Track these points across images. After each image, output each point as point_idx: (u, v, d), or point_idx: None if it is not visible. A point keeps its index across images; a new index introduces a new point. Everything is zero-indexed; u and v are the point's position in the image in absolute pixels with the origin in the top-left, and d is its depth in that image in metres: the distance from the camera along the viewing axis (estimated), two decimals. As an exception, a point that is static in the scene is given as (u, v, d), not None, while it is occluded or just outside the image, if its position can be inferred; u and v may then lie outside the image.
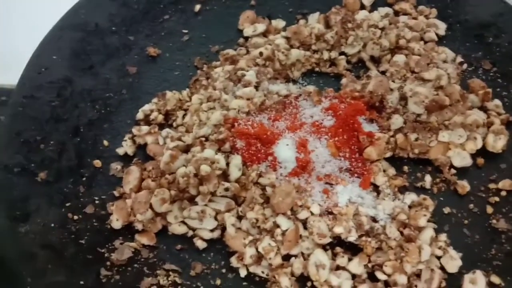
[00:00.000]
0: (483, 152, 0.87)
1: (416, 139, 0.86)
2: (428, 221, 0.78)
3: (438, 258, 0.75)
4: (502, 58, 0.98)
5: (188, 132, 0.85)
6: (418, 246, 0.73)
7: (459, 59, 0.98)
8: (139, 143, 0.85)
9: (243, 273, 0.74)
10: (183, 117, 0.88)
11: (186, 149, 0.83)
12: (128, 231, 0.77)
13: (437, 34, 1.01)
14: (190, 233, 0.77)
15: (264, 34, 1.02)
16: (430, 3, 1.06)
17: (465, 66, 0.98)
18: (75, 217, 0.76)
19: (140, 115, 0.88)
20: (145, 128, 0.85)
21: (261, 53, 0.94)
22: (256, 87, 0.91)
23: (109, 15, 0.99)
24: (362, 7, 1.05)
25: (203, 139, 0.82)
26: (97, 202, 0.78)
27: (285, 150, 0.82)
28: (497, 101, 0.92)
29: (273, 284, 0.73)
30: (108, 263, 0.74)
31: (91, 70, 0.91)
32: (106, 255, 0.74)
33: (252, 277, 0.74)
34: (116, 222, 0.76)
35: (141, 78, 0.94)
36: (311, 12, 1.05)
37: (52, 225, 0.73)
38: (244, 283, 0.74)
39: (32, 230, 0.72)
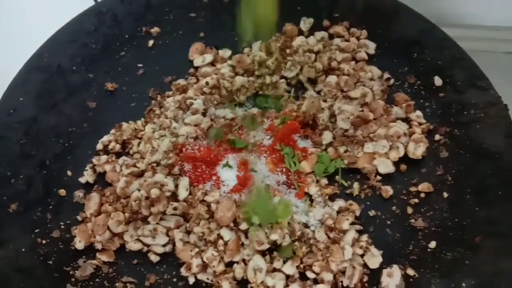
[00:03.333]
0: (405, 158, 0.98)
1: (345, 151, 0.98)
2: (354, 223, 0.89)
3: (361, 256, 0.87)
4: (425, 71, 1.08)
5: (143, 159, 0.96)
6: (341, 247, 0.85)
7: (386, 75, 1.09)
8: (99, 172, 0.95)
9: (191, 280, 0.85)
10: (138, 145, 0.99)
11: (141, 174, 0.93)
12: (91, 250, 0.87)
13: (367, 53, 1.12)
14: (145, 248, 0.88)
15: (212, 63, 1.13)
16: (362, 24, 1.17)
17: (392, 81, 1.09)
18: (43, 241, 0.86)
19: (99, 146, 0.98)
20: (104, 158, 0.96)
21: (207, 83, 1.06)
22: (204, 114, 1.02)
23: (70, 56, 1.09)
24: (301, 33, 1.17)
25: (155, 164, 0.93)
26: (62, 227, 0.89)
27: (227, 170, 0.93)
28: (418, 112, 1.03)
29: (217, 289, 0.84)
30: (73, 279, 0.83)
31: (54, 108, 1.01)
32: (71, 272, 0.84)
33: (199, 283, 0.85)
34: (79, 244, 0.86)
35: (100, 112, 1.04)
36: (255, 40, 1.16)
37: (23, 249, 0.84)
38: (193, 290, 0.85)
39: (5, 255, 0.82)
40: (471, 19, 1.30)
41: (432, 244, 0.88)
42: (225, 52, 1.14)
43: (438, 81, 1.06)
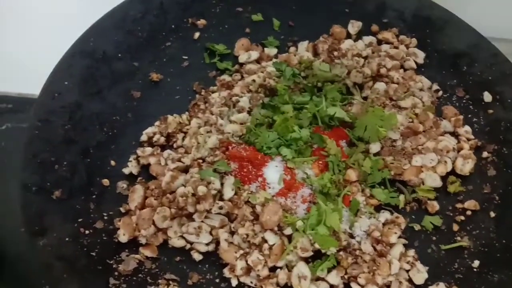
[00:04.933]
0: (452, 174, 0.97)
1: (392, 162, 0.96)
2: (400, 237, 0.88)
3: (407, 271, 0.85)
4: (474, 86, 1.07)
5: (187, 154, 0.94)
6: (388, 260, 0.83)
7: (435, 86, 1.08)
8: (143, 163, 0.94)
9: (234, 282, 0.84)
10: (183, 139, 0.97)
11: (186, 170, 0.92)
12: (133, 244, 0.86)
13: (416, 63, 1.10)
14: (188, 246, 0.86)
15: (258, 60, 1.11)
16: (411, 32, 1.15)
17: (440, 93, 1.07)
18: (87, 232, 0.85)
19: (144, 137, 0.97)
20: (148, 150, 0.95)
21: (253, 80, 1.04)
22: (249, 112, 1.01)
23: (116, 42, 1.07)
24: (348, 36, 1.15)
25: (201, 161, 0.92)
26: (105, 218, 0.87)
27: (274, 172, 0.91)
28: (467, 127, 1.02)
29: (261, 293, 0.83)
30: (116, 273, 0.82)
31: (99, 95, 1.00)
32: (114, 266, 0.83)
33: (242, 286, 0.84)
34: (123, 237, 0.85)
35: (144, 102, 1.02)
36: (301, 40, 1.14)
37: (66, 239, 0.82)
38: (235, 292, 0.84)
39: (48, 243, 0.81)
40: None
41: (476, 264, 0.87)
42: (271, 50, 1.12)
43: (487, 97, 1.05)
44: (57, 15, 1.29)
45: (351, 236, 0.87)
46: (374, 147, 0.96)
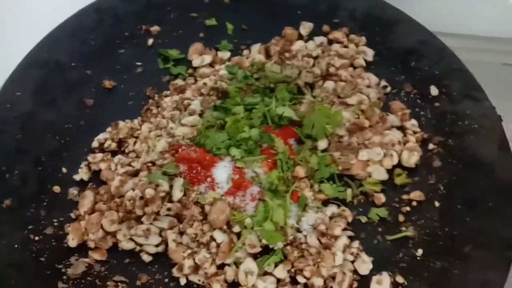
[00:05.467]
0: (398, 167, 0.99)
1: (339, 158, 0.98)
2: (345, 229, 0.90)
3: (352, 262, 0.87)
4: (421, 80, 1.09)
5: (138, 158, 0.96)
6: (332, 252, 0.85)
7: (383, 83, 1.10)
8: (94, 170, 0.95)
9: (183, 281, 0.85)
10: (134, 144, 0.99)
11: (136, 174, 0.94)
12: (83, 248, 0.87)
13: (365, 60, 1.13)
14: (138, 248, 0.88)
15: (211, 64, 1.13)
16: (362, 31, 1.18)
17: (388, 89, 1.10)
18: (36, 238, 0.86)
19: (95, 143, 0.99)
20: (99, 156, 0.96)
21: (205, 84, 1.06)
22: (201, 115, 1.03)
23: (69, 51, 1.09)
24: (300, 37, 1.17)
25: (150, 164, 0.94)
26: (56, 224, 0.89)
27: (222, 173, 0.93)
28: (413, 121, 1.04)
29: (208, 291, 0.84)
30: (64, 277, 0.84)
31: (52, 104, 1.01)
32: (63, 270, 0.84)
33: (191, 285, 0.86)
34: (72, 241, 0.86)
35: (97, 109, 1.04)
36: (255, 43, 1.17)
37: (16, 246, 0.84)
38: (184, 291, 0.86)
39: (-2, 251, 0.83)
40: (468, 29, 1.31)
41: (419, 252, 0.89)
42: (224, 54, 1.15)
43: (434, 90, 1.07)
44: (13, 26, 1.29)
45: (298, 230, 0.89)
46: (322, 144, 0.99)
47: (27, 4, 1.30)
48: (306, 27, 1.18)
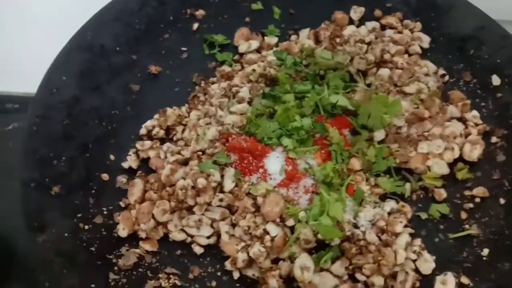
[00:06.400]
0: (460, 160, 0.94)
1: (397, 150, 0.93)
2: (405, 226, 0.85)
3: (414, 261, 0.83)
4: (481, 69, 1.03)
5: (187, 146, 0.93)
6: (394, 250, 0.81)
7: (441, 71, 1.04)
8: (143, 157, 0.93)
9: (236, 275, 0.82)
10: (182, 131, 0.96)
11: (185, 162, 0.91)
12: (133, 238, 0.85)
13: (421, 47, 1.07)
14: (189, 239, 0.85)
15: (258, 50, 1.09)
16: (416, 16, 1.11)
17: (446, 78, 1.04)
18: (86, 227, 0.84)
19: (143, 130, 0.96)
20: (147, 143, 0.93)
21: (253, 70, 1.02)
22: (250, 103, 0.99)
23: (114, 35, 1.05)
24: (351, 22, 1.12)
25: (200, 153, 0.90)
26: (105, 212, 0.87)
27: (275, 163, 0.89)
28: (475, 112, 0.99)
29: (263, 286, 0.81)
30: (115, 268, 0.82)
31: (97, 89, 0.99)
32: (114, 260, 0.82)
33: (244, 279, 0.83)
34: (123, 231, 0.84)
35: (143, 95, 1.01)
36: (302, 27, 1.12)
37: (66, 234, 0.82)
38: (237, 285, 0.83)
39: (48, 239, 0.80)
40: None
41: (485, 252, 0.84)
42: (271, 39, 1.10)
43: (496, 80, 1.01)
44: (58, 10, 1.28)
45: (355, 226, 0.85)
46: (378, 135, 0.94)
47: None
48: (357, 12, 1.12)
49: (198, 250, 0.85)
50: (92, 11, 1.07)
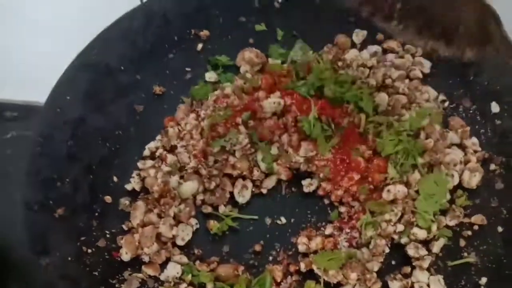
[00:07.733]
0: (459, 187, 0.95)
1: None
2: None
3: None
4: (481, 96, 1.04)
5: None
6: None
7: (442, 97, 1.06)
8: (144, 177, 0.93)
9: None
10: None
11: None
12: (136, 262, 0.85)
13: (422, 72, 1.08)
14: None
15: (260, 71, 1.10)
16: (417, 41, 1.13)
17: (446, 103, 1.05)
18: (89, 251, 0.84)
19: (146, 152, 0.96)
20: (149, 162, 0.94)
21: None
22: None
23: (119, 54, 1.06)
24: (353, 45, 1.13)
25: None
26: (108, 236, 0.87)
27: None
28: (474, 139, 1.00)
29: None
30: (119, 293, 0.83)
31: (102, 109, 0.99)
32: (116, 285, 0.83)
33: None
34: (125, 255, 0.84)
35: (147, 116, 1.01)
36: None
37: (69, 258, 0.82)
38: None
39: (52, 262, 0.81)
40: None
41: (483, 281, 0.85)
42: (275, 61, 1.11)
43: (495, 107, 1.02)
44: (62, 21, 1.28)
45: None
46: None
47: (75, 5, 1.27)
48: (359, 35, 1.13)
49: (200, 275, 0.85)
50: (89, 18, 1.07)
